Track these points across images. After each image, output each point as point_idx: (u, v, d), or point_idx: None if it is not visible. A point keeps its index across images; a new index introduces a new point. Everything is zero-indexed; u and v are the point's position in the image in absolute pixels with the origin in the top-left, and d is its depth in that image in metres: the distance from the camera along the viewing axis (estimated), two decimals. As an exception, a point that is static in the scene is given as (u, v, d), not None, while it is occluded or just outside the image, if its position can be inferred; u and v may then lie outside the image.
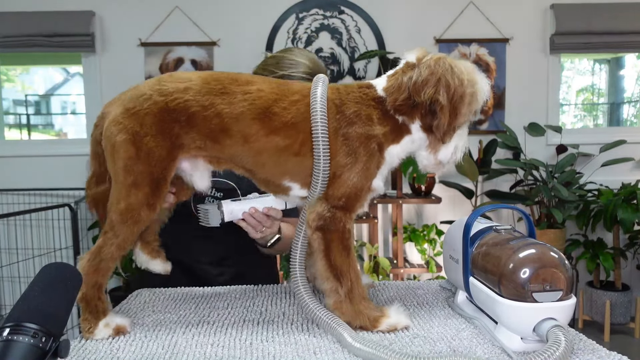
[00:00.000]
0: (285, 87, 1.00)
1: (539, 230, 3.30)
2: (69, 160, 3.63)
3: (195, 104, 0.96)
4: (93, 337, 0.94)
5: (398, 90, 0.98)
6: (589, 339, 0.90)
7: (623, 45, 3.68)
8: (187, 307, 1.13)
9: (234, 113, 0.96)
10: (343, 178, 0.96)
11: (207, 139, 0.97)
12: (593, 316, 3.47)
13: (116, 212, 0.95)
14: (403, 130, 1.00)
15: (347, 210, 0.97)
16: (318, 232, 0.96)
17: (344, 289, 0.95)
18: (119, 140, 0.95)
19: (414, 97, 0.96)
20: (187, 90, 0.97)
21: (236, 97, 0.96)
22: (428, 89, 0.94)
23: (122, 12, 3.62)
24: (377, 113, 0.98)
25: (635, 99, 4.12)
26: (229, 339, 0.93)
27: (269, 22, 3.66)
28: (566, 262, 0.83)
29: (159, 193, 0.97)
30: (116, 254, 0.96)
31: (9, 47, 3.55)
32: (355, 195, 0.97)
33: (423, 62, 0.98)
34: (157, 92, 0.97)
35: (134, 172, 0.95)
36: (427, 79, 0.95)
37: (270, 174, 1.01)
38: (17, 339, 0.56)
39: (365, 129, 0.97)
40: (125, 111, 0.97)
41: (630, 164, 3.68)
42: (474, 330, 0.95)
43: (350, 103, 0.98)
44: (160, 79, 1.00)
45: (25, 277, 3.32)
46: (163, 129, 0.96)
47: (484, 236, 0.97)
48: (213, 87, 0.97)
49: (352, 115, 0.97)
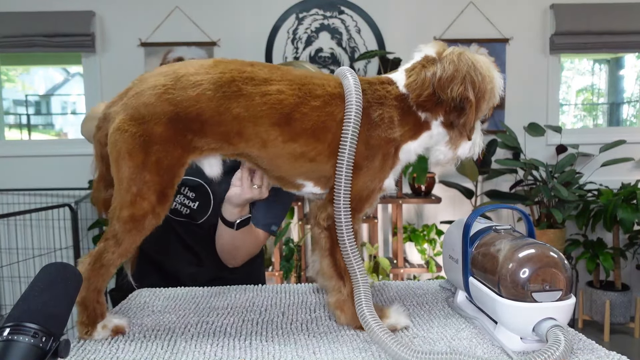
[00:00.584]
0: (307, 88, 0.94)
1: (538, 230, 3.30)
2: (69, 160, 3.63)
3: (209, 111, 0.90)
4: (91, 339, 0.93)
5: (422, 86, 0.96)
6: (589, 339, 0.90)
7: (623, 45, 3.68)
8: (186, 307, 1.13)
9: (252, 117, 0.91)
10: (358, 181, 0.95)
11: (223, 142, 0.94)
12: (593, 316, 3.47)
13: (120, 220, 0.91)
14: (423, 126, 0.98)
15: (356, 211, 0.96)
16: (326, 231, 0.96)
17: (346, 288, 0.95)
18: (124, 148, 0.90)
19: (439, 93, 0.95)
20: (199, 98, 0.90)
21: (254, 100, 0.91)
22: (455, 86, 0.93)
23: (122, 12, 3.63)
24: (398, 113, 0.97)
25: (635, 99, 4.12)
26: (228, 338, 0.94)
27: (269, 22, 3.67)
28: (566, 262, 0.83)
29: (165, 201, 0.93)
30: (117, 261, 0.93)
31: (9, 47, 3.55)
32: (367, 197, 0.97)
33: (445, 57, 0.96)
34: (166, 101, 0.90)
35: (140, 181, 0.90)
36: (453, 75, 0.93)
37: (284, 173, 1.00)
38: (17, 338, 0.56)
39: (387, 132, 0.96)
40: (130, 119, 0.91)
41: (630, 164, 3.68)
42: (473, 330, 0.95)
43: (375, 105, 0.96)
44: (165, 83, 0.91)
45: (25, 277, 3.32)
46: (174, 137, 0.91)
47: (484, 236, 0.97)
48: (227, 91, 0.91)
49: (377, 118, 0.95)
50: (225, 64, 0.95)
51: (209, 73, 0.92)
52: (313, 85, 0.95)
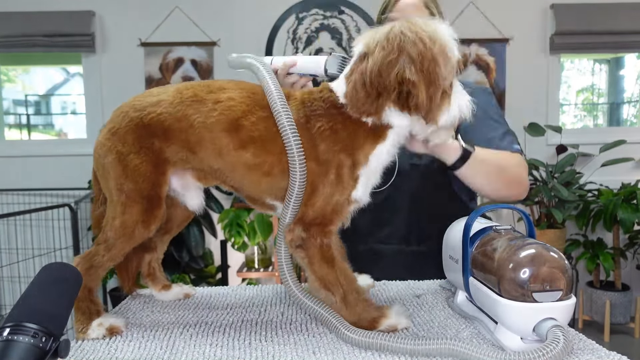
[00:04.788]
0: (256, 97, 0.95)
1: (539, 230, 3.30)
2: (69, 160, 3.63)
3: (168, 117, 0.95)
4: (87, 337, 0.94)
5: (355, 93, 0.91)
6: (589, 339, 0.89)
7: (623, 45, 3.68)
8: (185, 307, 1.13)
9: (206, 123, 0.93)
10: (316, 198, 0.92)
11: (186, 151, 0.96)
12: (593, 316, 3.47)
13: (111, 229, 0.96)
14: (381, 127, 0.93)
15: (324, 226, 0.94)
16: (298, 250, 0.94)
17: (337, 297, 0.94)
18: (107, 161, 0.97)
19: (379, 91, 0.88)
20: (160, 104, 0.96)
21: (207, 106, 0.94)
22: (392, 73, 0.85)
23: (122, 12, 3.63)
24: (342, 123, 0.92)
25: (635, 99, 4.11)
26: (228, 338, 0.93)
27: (269, 22, 3.67)
28: (566, 262, 0.83)
29: (152, 210, 0.96)
30: (107, 264, 0.98)
31: (9, 47, 3.55)
32: (332, 212, 0.93)
33: (374, 46, 0.89)
34: (132, 108, 0.97)
35: (125, 190, 0.95)
36: (385, 62, 0.86)
37: (251, 191, 1.00)
38: (17, 339, 0.56)
39: (334, 145, 0.92)
40: (107, 132, 0.98)
41: (630, 164, 3.67)
42: (473, 330, 0.95)
43: (314, 118, 0.93)
44: (137, 95, 1.00)
45: (25, 277, 3.32)
46: (144, 144, 0.95)
47: (484, 236, 0.97)
48: (185, 97, 0.95)
49: (318, 132, 0.92)
50: (193, 82, 1.01)
51: (175, 87, 0.99)
52: (262, 95, 0.95)
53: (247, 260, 3.56)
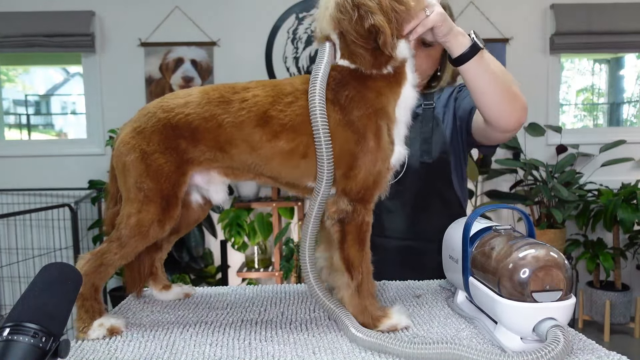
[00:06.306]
0: (278, 88, 0.99)
1: (539, 230, 3.30)
2: (69, 160, 3.63)
3: (196, 117, 0.97)
4: (87, 337, 0.94)
5: (361, 57, 0.95)
6: (589, 339, 0.90)
7: (623, 45, 3.68)
8: (185, 307, 1.13)
9: (235, 122, 0.96)
10: (358, 169, 0.94)
11: (215, 150, 0.98)
12: (593, 316, 3.47)
13: (126, 226, 0.97)
14: (400, 68, 0.98)
15: (366, 201, 0.96)
16: (338, 224, 0.96)
17: (354, 282, 0.95)
18: (129, 159, 0.98)
19: (367, 42, 0.93)
20: (188, 105, 0.98)
21: (234, 106, 0.97)
22: (359, 24, 0.91)
23: (122, 12, 3.63)
24: (365, 84, 0.96)
25: (635, 99, 4.11)
26: (228, 338, 0.94)
27: (269, 22, 3.66)
28: (566, 262, 0.83)
29: (169, 210, 0.98)
30: (118, 262, 0.98)
31: (9, 47, 3.55)
32: (374, 183, 0.96)
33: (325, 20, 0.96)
34: (160, 109, 0.99)
35: (145, 189, 0.96)
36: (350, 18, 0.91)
37: (291, 178, 1.01)
38: (17, 338, 0.56)
39: (364, 108, 0.95)
40: (132, 130, 0.99)
41: (630, 164, 3.68)
42: (473, 330, 0.95)
43: (341, 89, 0.96)
44: (164, 96, 1.03)
45: (25, 277, 3.32)
46: (170, 145, 0.97)
47: (484, 236, 0.97)
48: (212, 98, 0.98)
49: (348, 100, 0.95)
50: (216, 85, 1.03)
51: (200, 89, 1.01)
52: (283, 85, 1.00)
53: (247, 260, 3.57)
